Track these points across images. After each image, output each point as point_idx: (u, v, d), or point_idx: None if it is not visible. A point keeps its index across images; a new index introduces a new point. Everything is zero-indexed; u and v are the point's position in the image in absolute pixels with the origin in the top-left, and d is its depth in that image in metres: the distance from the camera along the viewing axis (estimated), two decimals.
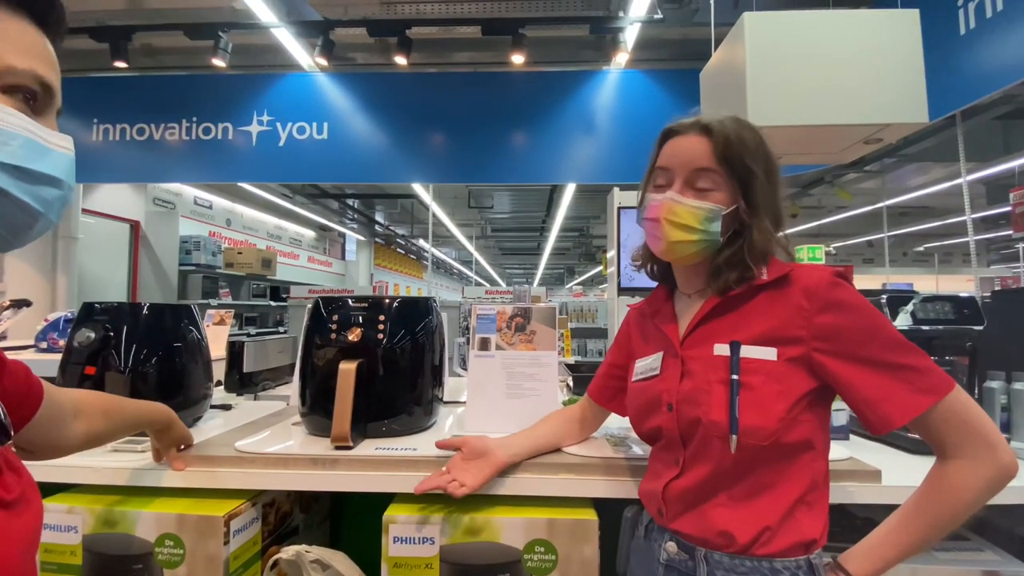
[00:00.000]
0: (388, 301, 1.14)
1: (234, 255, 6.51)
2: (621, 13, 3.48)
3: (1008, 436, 1.13)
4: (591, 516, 0.90)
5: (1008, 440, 0.95)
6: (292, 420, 1.24)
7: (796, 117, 1.87)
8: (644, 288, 2.00)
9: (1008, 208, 4.41)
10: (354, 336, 1.08)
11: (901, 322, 1.25)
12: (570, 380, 1.75)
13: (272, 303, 7.33)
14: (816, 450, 0.74)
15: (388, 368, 1.09)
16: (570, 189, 6.32)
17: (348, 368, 1.02)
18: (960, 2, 2.57)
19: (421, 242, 11.89)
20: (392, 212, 9.69)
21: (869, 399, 0.70)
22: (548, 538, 0.88)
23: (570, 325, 5.35)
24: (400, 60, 3.68)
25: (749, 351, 0.74)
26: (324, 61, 3.67)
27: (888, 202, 6.64)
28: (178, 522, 0.90)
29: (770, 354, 0.73)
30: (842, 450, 1.00)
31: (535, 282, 19.72)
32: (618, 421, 1.17)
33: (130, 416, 0.89)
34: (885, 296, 1.26)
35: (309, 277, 8.78)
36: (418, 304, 1.19)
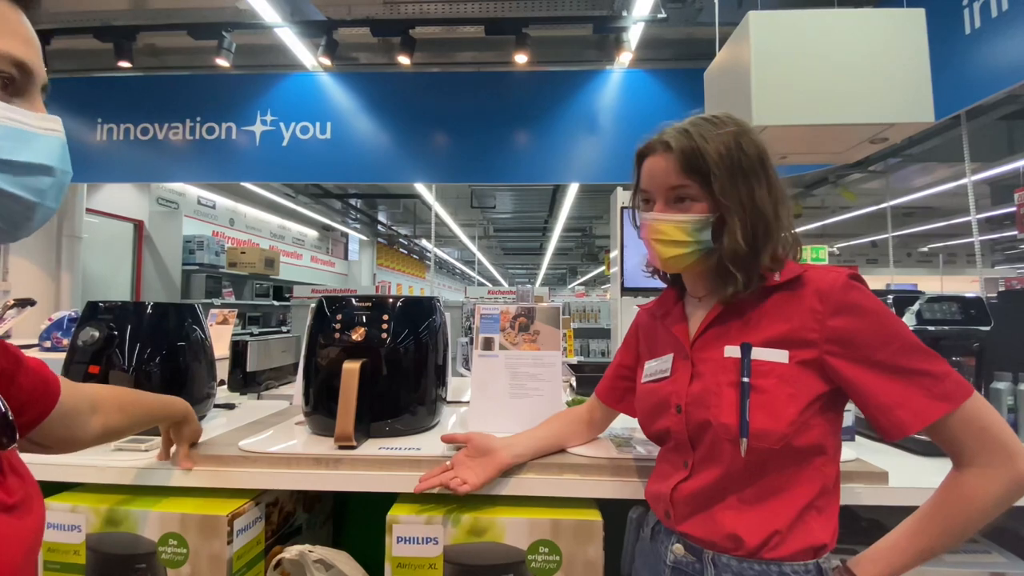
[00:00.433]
0: (392, 301, 1.14)
1: (237, 255, 6.52)
2: (625, 12, 3.47)
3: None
4: (595, 517, 0.90)
5: None
6: (295, 419, 1.23)
7: (801, 117, 1.86)
8: (647, 288, 1.98)
9: (1013, 208, 4.39)
10: (358, 336, 1.08)
11: (907, 322, 1.24)
12: (573, 380, 1.75)
13: (275, 303, 7.34)
14: (827, 455, 0.73)
15: (392, 368, 1.09)
16: (573, 189, 6.31)
17: (352, 367, 1.01)
18: (965, 1, 2.56)
19: (424, 242, 11.89)
20: (395, 212, 9.71)
21: (882, 405, 0.69)
22: (552, 539, 0.88)
23: (573, 325, 5.35)
24: (403, 60, 3.67)
25: (760, 353, 0.73)
26: (327, 61, 3.67)
27: (892, 202, 6.61)
28: (182, 521, 0.90)
29: (782, 357, 0.72)
30: (848, 451, 0.98)
31: (537, 282, 19.71)
32: (622, 422, 1.16)
33: (149, 410, 0.88)
34: (891, 297, 1.25)
35: (312, 277, 8.81)
36: (422, 304, 1.18)
